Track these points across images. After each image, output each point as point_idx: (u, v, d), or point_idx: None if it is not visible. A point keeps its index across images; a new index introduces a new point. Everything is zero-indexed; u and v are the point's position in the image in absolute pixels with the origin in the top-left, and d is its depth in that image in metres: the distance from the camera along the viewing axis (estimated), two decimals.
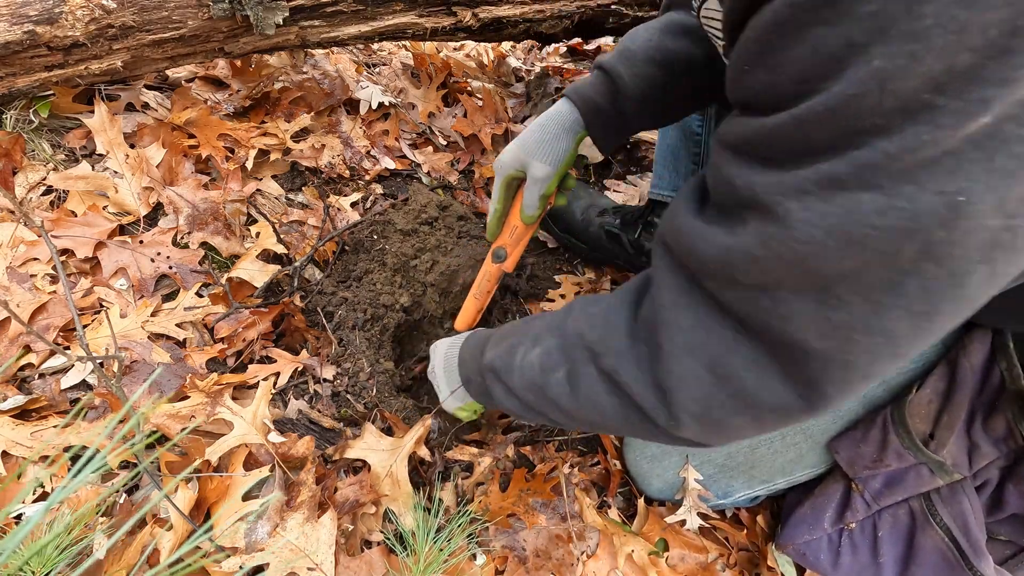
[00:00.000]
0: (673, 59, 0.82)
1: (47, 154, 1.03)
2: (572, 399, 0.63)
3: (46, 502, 0.31)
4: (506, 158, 0.88)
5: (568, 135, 0.86)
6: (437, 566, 0.79)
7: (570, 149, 0.87)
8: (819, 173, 0.38)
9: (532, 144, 0.86)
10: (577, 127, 0.86)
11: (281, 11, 1.04)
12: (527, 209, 0.90)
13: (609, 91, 0.84)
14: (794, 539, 0.87)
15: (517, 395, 0.70)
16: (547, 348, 0.66)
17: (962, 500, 0.78)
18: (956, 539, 0.78)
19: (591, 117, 0.85)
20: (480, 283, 0.99)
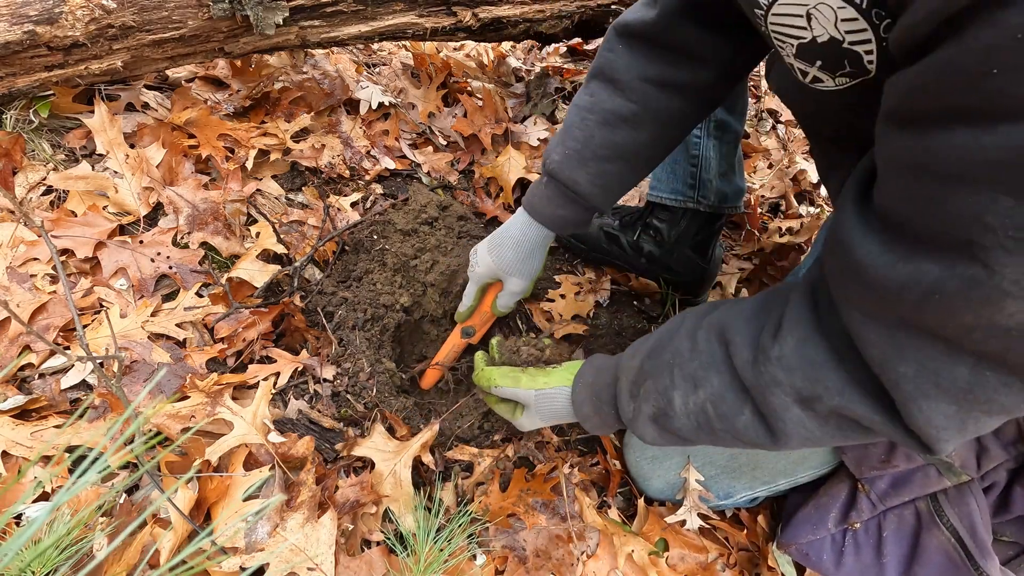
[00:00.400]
0: (621, 151, 0.82)
1: (47, 154, 1.03)
2: (771, 437, 0.60)
3: (50, 504, 0.31)
4: (481, 270, 0.95)
5: (541, 251, 0.93)
6: (437, 566, 0.79)
7: (542, 262, 0.94)
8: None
9: (508, 262, 0.92)
10: (547, 241, 0.92)
11: (281, 11, 1.04)
12: (501, 308, 0.98)
13: (572, 201, 0.86)
14: (797, 539, 0.87)
15: (681, 435, 0.68)
16: (717, 393, 0.62)
17: (969, 501, 0.78)
18: (962, 540, 0.78)
19: (564, 229, 0.90)
20: (446, 353, 1.06)
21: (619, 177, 0.85)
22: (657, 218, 1.24)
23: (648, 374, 0.69)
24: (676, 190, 1.20)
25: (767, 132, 1.90)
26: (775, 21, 0.56)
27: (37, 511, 0.73)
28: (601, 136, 0.82)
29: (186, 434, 0.79)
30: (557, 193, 0.86)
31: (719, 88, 0.84)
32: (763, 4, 0.55)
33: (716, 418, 0.63)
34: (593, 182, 0.83)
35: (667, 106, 0.80)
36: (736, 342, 0.61)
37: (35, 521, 0.29)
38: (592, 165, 0.83)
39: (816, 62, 0.56)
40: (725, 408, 0.62)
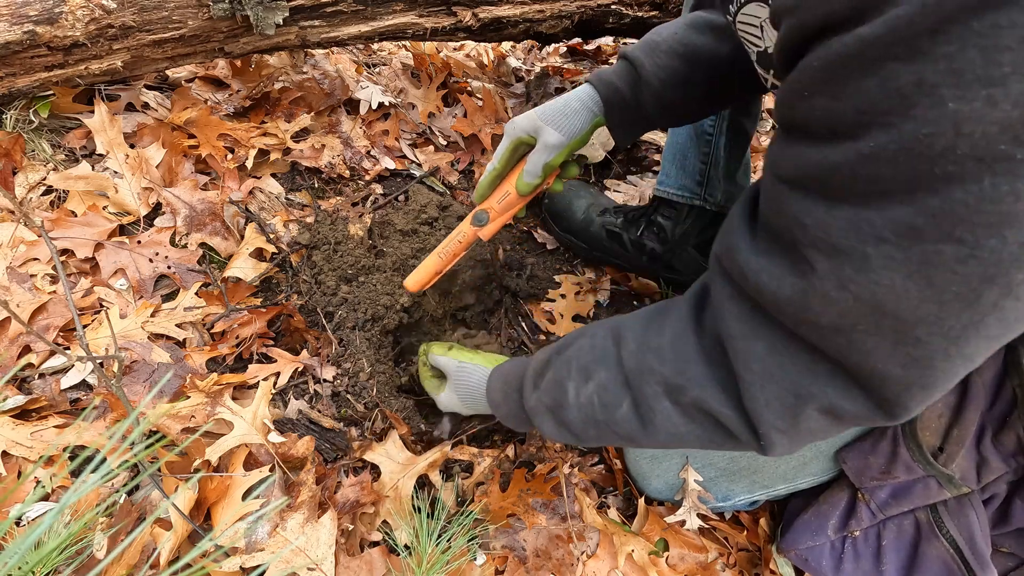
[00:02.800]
0: (697, 54, 0.82)
1: (47, 154, 1.03)
2: (643, 432, 0.63)
3: (56, 507, 0.31)
4: (521, 121, 0.87)
5: (587, 114, 0.86)
6: (440, 568, 0.79)
7: (586, 128, 0.87)
8: (895, 221, 0.37)
9: (550, 113, 0.86)
10: (596, 110, 0.86)
11: (281, 11, 1.04)
12: (527, 176, 0.88)
13: (631, 79, 0.84)
14: (796, 544, 0.87)
15: (573, 430, 0.70)
16: (602, 383, 0.65)
17: (969, 513, 0.78)
18: (962, 551, 0.78)
19: (611, 103, 0.85)
20: (450, 242, 0.92)
21: (680, 81, 0.83)
22: (662, 215, 1.23)
23: (551, 366, 0.72)
24: (684, 186, 1.20)
25: (767, 132, 1.90)
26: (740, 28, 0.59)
27: (38, 512, 0.73)
28: (684, 34, 0.82)
29: (189, 439, 0.79)
30: (621, 67, 0.86)
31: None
32: (731, 11, 0.58)
33: (600, 408, 0.65)
34: (656, 73, 0.83)
35: None
36: (626, 337, 0.65)
37: (41, 524, 0.29)
38: (662, 57, 0.82)
39: (770, 70, 0.59)
40: (608, 398, 0.65)
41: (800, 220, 0.42)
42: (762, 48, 0.57)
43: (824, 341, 0.47)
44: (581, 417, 0.68)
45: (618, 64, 0.87)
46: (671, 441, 0.63)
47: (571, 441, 0.73)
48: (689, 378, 0.58)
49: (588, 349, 0.69)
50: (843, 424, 0.52)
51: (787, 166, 0.43)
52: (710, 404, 0.57)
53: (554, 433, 0.73)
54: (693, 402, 0.58)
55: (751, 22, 0.57)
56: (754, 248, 0.49)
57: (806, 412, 0.51)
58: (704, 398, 0.57)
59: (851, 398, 0.49)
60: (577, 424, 0.69)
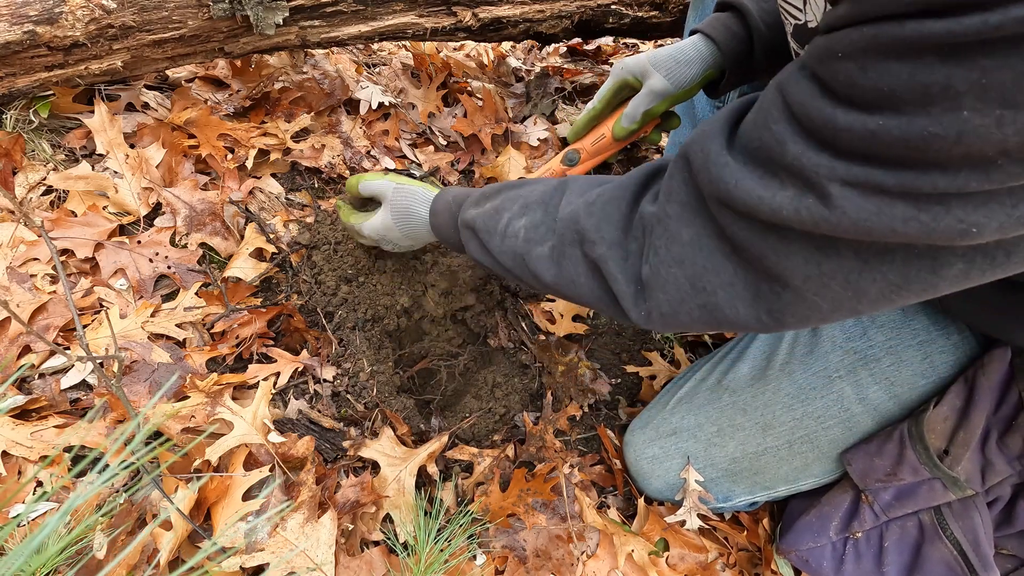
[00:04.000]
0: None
1: (47, 154, 1.03)
2: (552, 273, 0.66)
3: (61, 509, 0.31)
4: (631, 62, 0.86)
5: (700, 65, 0.85)
6: (438, 566, 0.79)
7: (696, 80, 0.86)
8: (869, 176, 0.40)
9: (663, 58, 0.84)
10: (711, 59, 0.85)
11: (281, 11, 1.04)
12: (625, 120, 0.88)
13: (742, 27, 0.83)
14: (797, 545, 0.87)
15: (493, 255, 0.72)
16: (534, 221, 0.68)
17: (973, 515, 0.78)
18: (965, 553, 0.78)
19: (730, 55, 0.84)
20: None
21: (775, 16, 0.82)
22: None
23: (499, 195, 0.74)
24: None
25: None
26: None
27: (39, 513, 0.73)
28: None
29: (193, 442, 0.79)
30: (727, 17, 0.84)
31: None
32: None
33: (522, 242, 0.68)
34: (764, 18, 0.82)
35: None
36: (571, 188, 0.68)
37: (45, 527, 0.29)
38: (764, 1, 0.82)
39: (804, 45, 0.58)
40: (534, 235, 0.67)
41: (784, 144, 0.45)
42: (802, 21, 0.57)
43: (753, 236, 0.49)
44: (503, 247, 0.70)
45: (723, 14, 0.85)
46: (569, 288, 0.65)
47: (489, 265, 0.75)
48: (603, 237, 0.60)
49: (538, 192, 0.71)
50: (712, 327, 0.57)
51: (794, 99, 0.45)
52: (611, 267, 0.60)
53: (476, 253, 0.75)
54: (598, 259, 0.61)
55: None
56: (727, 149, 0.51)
57: (690, 305, 0.55)
58: (608, 259, 0.60)
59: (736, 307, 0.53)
60: (497, 251, 0.71)
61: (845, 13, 0.40)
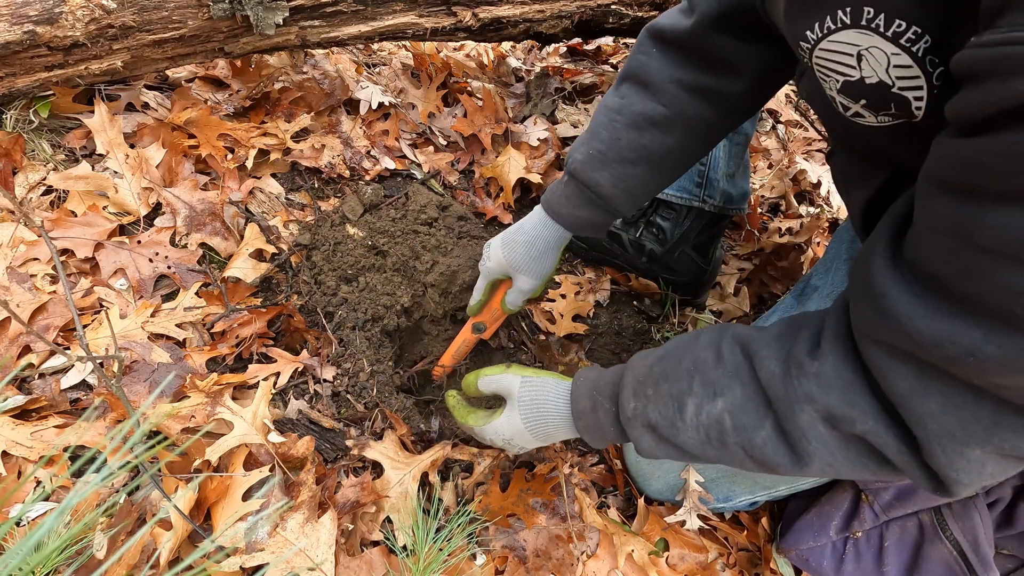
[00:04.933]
0: (647, 154, 0.81)
1: (47, 154, 1.03)
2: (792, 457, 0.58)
3: (59, 508, 0.31)
4: (492, 265, 0.94)
5: (555, 251, 0.92)
6: (437, 566, 0.79)
7: (554, 264, 0.93)
8: None
9: (519, 259, 0.91)
10: (562, 241, 0.91)
11: (281, 11, 1.04)
12: (510, 305, 0.97)
13: (591, 202, 0.85)
14: (798, 545, 0.87)
15: (683, 448, 0.64)
16: (739, 403, 0.59)
17: (973, 516, 0.78)
18: (965, 553, 0.78)
19: (581, 230, 0.90)
20: (458, 347, 1.06)
21: (642, 182, 0.83)
22: (661, 216, 1.24)
23: (662, 377, 0.65)
24: (682, 188, 1.20)
25: (767, 132, 1.90)
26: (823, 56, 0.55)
27: (38, 512, 0.73)
28: (628, 138, 0.80)
29: (190, 440, 0.79)
30: (577, 193, 0.85)
31: (752, 99, 0.84)
32: (811, 39, 0.54)
33: (732, 431, 0.60)
34: (616, 185, 0.82)
35: (697, 112, 0.79)
36: (762, 355, 0.59)
37: (43, 526, 0.29)
38: (616, 168, 0.81)
39: (861, 101, 0.55)
40: (745, 420, 0.59)
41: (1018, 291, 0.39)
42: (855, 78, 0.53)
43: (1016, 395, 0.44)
44: (699, 439, 0.62)
45: (569, 187, 0.85)
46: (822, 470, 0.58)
47: (670, 457, 0.68)
48: (862, 411, 0.52)
49: (714, 363, 0.62)
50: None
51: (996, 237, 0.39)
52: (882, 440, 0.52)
53: (652, 448, 0.67)
54: (860, 435, 0.53)
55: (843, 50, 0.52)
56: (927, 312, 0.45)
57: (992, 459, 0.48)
58: (875, 431, 0.52)
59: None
60: (692, 443, 0.63)
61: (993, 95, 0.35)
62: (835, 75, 0.55)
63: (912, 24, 0.46)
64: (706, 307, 1.35)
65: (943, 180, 0.42)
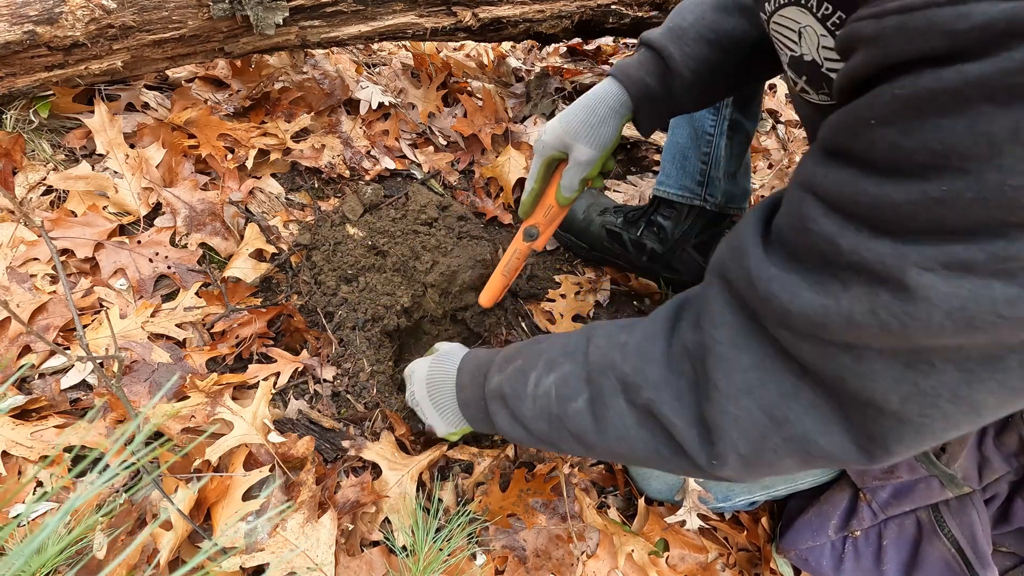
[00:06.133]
0: (727, 38, 0.78)
1: (47, 154, 1.03)
2: (595, 430, 0.60)
3: (61, 510, 0.31)
4: (548, 138, 0.85)
5: (615, 118, 0.84)
6: (437, 566, 0.79)
7: (616, 133, 0.84)
8: (948, 255, 0.35)
9: (577, 125, 0.83)
10: (624, 110, 0.83)
11: (281, 11, 1.04)
12: (565, 191, 0.88)
13: (660, 72, 0.81)
14: (797, 544, 0.87)
15: (525, 424, 0.67)
16: (564, 375, 0.63)
17: (971, 513, 0.78)
18: (963, 550, 0.78)
19: (641, 100, 0.83)
20: (509, 260, 0.98)
21: (711, 69, 0.80)
22: (662, 215, 1.24)
23: (521, 354, 0.71)
24: (684, 186, 1.20)
25: (767, 132, 1.90)
26: (775, 28, 0.57)
27: (39, 513, 0.73)
28: (712, 18, 0.78)
29: (194, 442, 0.79)
30: (648, 59, 0.81)
31: None
32: (767, 10, 0.56)
33: (556, 400, 0.63)
34: (686, 63, 0.79)
35: None
36: (598, 334, 0.64)
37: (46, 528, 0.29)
38: (692, 45, 0.79)
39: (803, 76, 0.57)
40: (566, 390, 0.63)
41: (834, 241, 0.40)
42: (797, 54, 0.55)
43: (825, 359, 0.44)
44: (535, 410, 0.66)
45: (643, 54, 0.82)
46: (619, 445, 0.60)
47: (522, 438, 0.70)
48: (647, 379, 0.56)
49: (560, 344, 0.68)
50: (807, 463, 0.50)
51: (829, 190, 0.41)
52: (663, 409, 0.54)
53: (507, 425, 0.70)
54: (646, 404, 0.56)
55: (788, 25, 0.54)
56: (768, 259, 0.47)
57: (773, 440, 0.49)
58: (658, 401, 0.55)
59: (828, 432, 0.46)
60: (529, 417, 0.66)
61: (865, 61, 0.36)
62: (785, 49, 0.57)
63: (837, 8, 0.48)
64: None
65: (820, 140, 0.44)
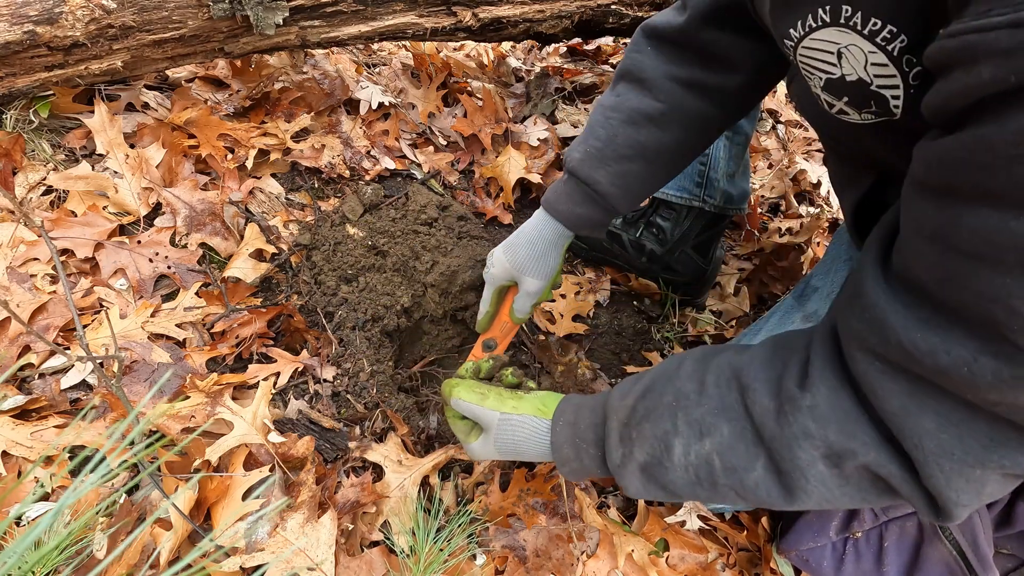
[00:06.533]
0: (644, 151, 0.81)
1: (47, 154, 1.03)
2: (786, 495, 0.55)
3: (56, 507, 0.31)
4: (496, 271, 0.91)
5: (557, 250, 0.89)
6: (437, 566, 0.79)
7: (559, 262, 0.91)
8: None
9: (522, 260, 0.89)
10: (563, 240, 0.89)
11: (281, 11, 1.04)
12: (518, 313, 0.94)
13: (590, 199, 0.84)
14: (798, 545, 0.87)
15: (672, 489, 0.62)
16: (727, 442, 0.56)
17: (972, 516, 0.78)
18: (964, 553, 0.78)
19: (579, 227, 0.88)
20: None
21: (640, 178, 0.83)
22: (661, 216, 1.24)
23: (644, 417, 0.62)
24: (683, 188, 1.20)
25: (767, 132, 1.90)
26: (805, 54, 0.55)
27: (38, 512, 0.73)
28: (625, 135, 0.80)
29: (188, 438, 0.79)
30: (576, 191, 0.84)
31: (748, 95, 0.84)
32: (794, 36, 0.54)
33: (722, 472, 0.57)
34: (613, 182, 0.82)
35: (694, 107, 0.79)
36: (755, 388, 0.56)
37: (40, 524, 0.29)
38: (613, 165, 0.81)
39: (843, 98, 0.55)
40: (735, 460, 0.56)
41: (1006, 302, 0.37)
42: (836, 75, 0.53)
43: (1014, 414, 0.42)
44: (688, 479, 0.59)
45: (569, 185, 0.85)
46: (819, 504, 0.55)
47: (662, 498, 0.66)
48: (863, 442, 0.50)
49: (697, 397, 0.59)
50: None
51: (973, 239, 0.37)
52: (887, 469, 0.50)
53: (641, 490, 0.64)
54: (862, 467, 0.51)
55: (824, 48, 0.52)
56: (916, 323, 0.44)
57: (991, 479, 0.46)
58: (879, 462, 0.50)
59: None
60: (680, 484, 0.60)
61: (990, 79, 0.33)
62: (818, 72, 0.55)
63: (888, 23, 0.46)
64: (706, 307, 1.35)
65: (922, 182, 0.42)
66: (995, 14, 0.33)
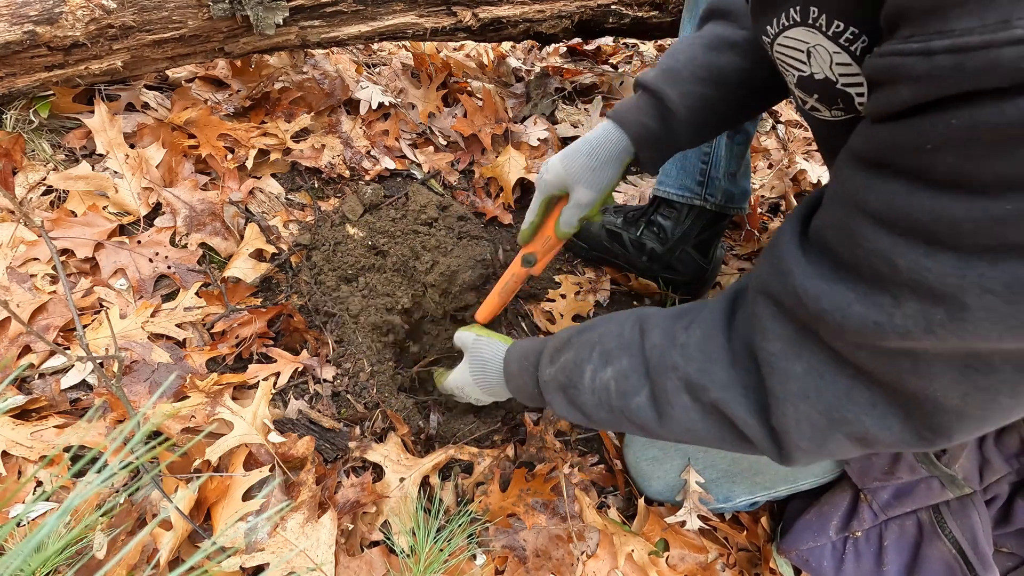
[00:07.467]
0: (722, 75, 0.80)
1: (47, 154, 1.03)
2: (659, 423, 0.63)
3: (59, 509, 0.31)
4: (550, 177, 0.88)
5: (616, 163, 0.86)
6: (437, 566, 0.79)
7: (616, 178, 0.87)
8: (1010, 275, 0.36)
9: (579, 168, 0.85)
10: (625, 155, 0.85)
11: (281, 11, 1.04)
12: (564, 227, 0.91)
13: (658, 113, 0.82)
14: (798, 545, 0.87)
15: (585, 411, 0.71)
16: (623, 370, 0.65)
17: (972, 514, 0.78)
18: (964, 551, 0.78)
19: (642, 143, 0.84)
20: (507, 283, 1.01)
21: (709, 106, 0.82)
22: (662, 214, 1.24)
23: (571, 346, 0.72)
24: (684, 186, 1.20)
25: (767, 132, 1.90)
26: (780, 51, 0.58)
27: (39, 513, 0.73)
28: (704, 58, 0.80)
29: (191, 441, 0.79)
30: (646, 102, 0.83)
31: None
32: (770, 33, 0.57)
33: (616, 395, 0.66)
34: (683, 102, 0.80)
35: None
36: (652, 329, 0.66)
37: (44, 527, 0.29)
38: (687, 85, 0.80)
39: (814, 95, 0.58)
40: (626, 386, 0.65)
41: (889, 258, 0.41)
42: (807, 73, 0.56)
43: (881, 364, 0.46)
44: (594, 400, 0.68)
45: (640, 98, 0.84)
46: (685, 436, 0.63)
47: (581, 421, 0.73)
48: (713, 379, 0.57)
49: (613, 336, 0.69)
50: (869, 449, 0.52)
51: (879, 204, 0.41)
52: (732, 408, 0.56)
53: (564, 410, 0.73)
54: (714, 403, 0.58)
55: (795, 46, 0.55)
56: (813, 272, 0.48)
57: (835, 436, 0.51)
58: (726, 400, 0.57)
59: (887, 426, 0.48)
60: (589, 406, 0.69)
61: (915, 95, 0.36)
62: (791, 70, 0.58)
63: (850, 25, 0.48)
64: None
65: (856, 152, 0.45)
66: (913, 40, 0.36)
